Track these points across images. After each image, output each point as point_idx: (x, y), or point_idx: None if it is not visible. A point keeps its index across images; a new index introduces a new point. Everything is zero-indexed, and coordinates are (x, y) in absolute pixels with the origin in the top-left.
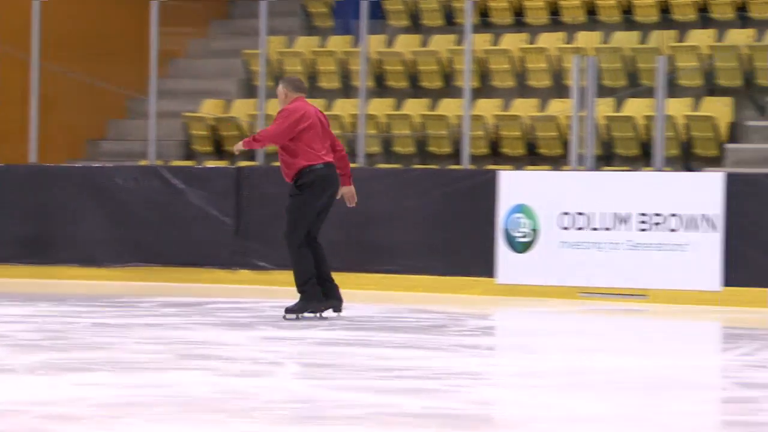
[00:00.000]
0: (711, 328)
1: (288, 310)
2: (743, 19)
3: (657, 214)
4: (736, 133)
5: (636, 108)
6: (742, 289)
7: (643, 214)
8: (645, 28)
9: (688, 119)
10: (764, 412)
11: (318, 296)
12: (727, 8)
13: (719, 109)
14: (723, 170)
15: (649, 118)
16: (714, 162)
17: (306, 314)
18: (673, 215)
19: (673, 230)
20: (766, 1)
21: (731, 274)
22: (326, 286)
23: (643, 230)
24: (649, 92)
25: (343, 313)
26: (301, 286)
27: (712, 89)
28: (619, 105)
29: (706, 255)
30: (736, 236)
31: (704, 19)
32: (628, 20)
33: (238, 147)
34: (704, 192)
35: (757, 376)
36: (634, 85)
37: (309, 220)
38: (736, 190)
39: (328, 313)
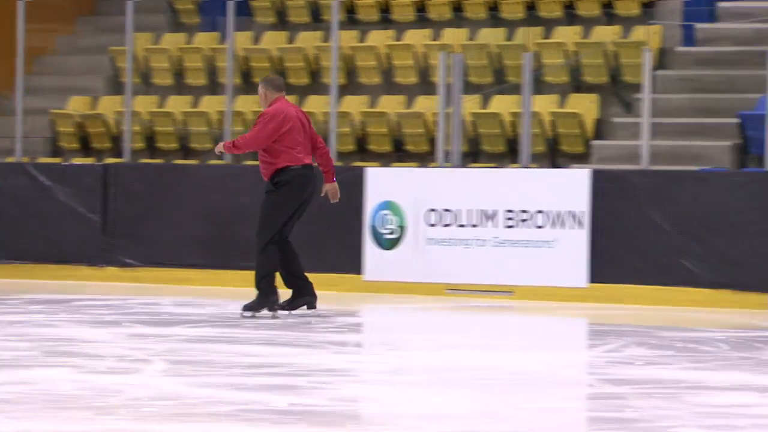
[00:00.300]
0: (577, 324)
1: (246, 308)
2: (609, 16)
3: (523, 211)
4: (602, 129)
5: (502, 105)
6: (609, 286)
7: (510, 211)
8: (511, 25)
9: (554, 116)
10: (630, 408)
11: (275, 294)
12: (593, 5)
13: (585, 106)
14: (589, 167)
15: (515, 114)
16: (580, 159)
17: (263, 312)
18: (540, 212)
19: (539, 227)
20: None
21: (597, 270)
22: (299, 284)
23: (510, 227)
24: (515, 89)
25: (317, 309)
26: (258, 282)
27: (578, 86)
28: (485, 102)
29: (572, 251)
30: (602, 233)
31: (570, 16)
32: (495, 17)
33: (219, 149)
34: (570, 189)
35: (623, 373)
36: (501, 82)
37: (281, 219)
38: (603, 187)
39: (301, 310)
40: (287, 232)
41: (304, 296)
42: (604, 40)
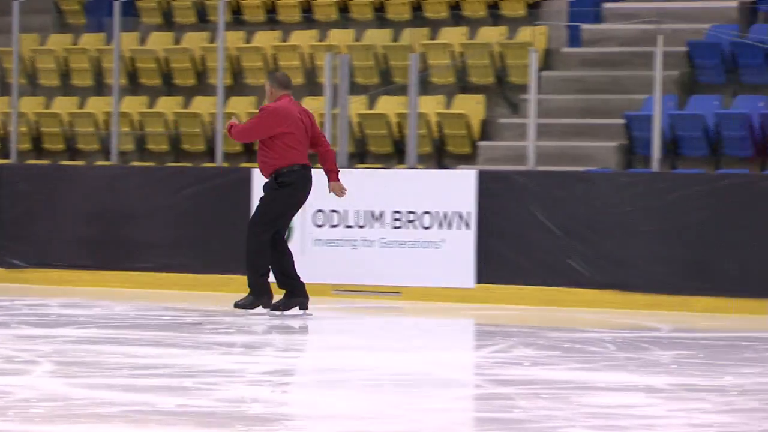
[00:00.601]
0: (465, 325)
1: (237, 305)
2: (495, 17)
3: (411, 212)
4: (488, 130)
5: (389, 106)
6: (496, 287)
7: (397, 212)
8: (397, 26)
9: (440, 117)
10: (518, 409)
11: (269, 292)
12: (479, 6)
13: (472, 107)
14: (476, 168)
15: (402, 115)
16: (467, 159)
17: (257, 309)
18: (427, 213)
19: (426, 228)
20: (518, 0)
21: (484, 271)
22: (292, 284)
23: (397, 228)
24: (401, 90)
25: (308, 311)
26: (254, 280)
27: (465, 87)
28: (372, 103)
29: (459, 252)
30: (489, 234)
31: (456, 17)
32: (381, 18)
33: (227, 127)
34: (457, 190)
35: (510, 373)
36: (387, 83)
37: (280, 218)
38: (489, 188)
39: (294, 311)
40: (283, 231)
41: (297, 297)
42: (490, 41)
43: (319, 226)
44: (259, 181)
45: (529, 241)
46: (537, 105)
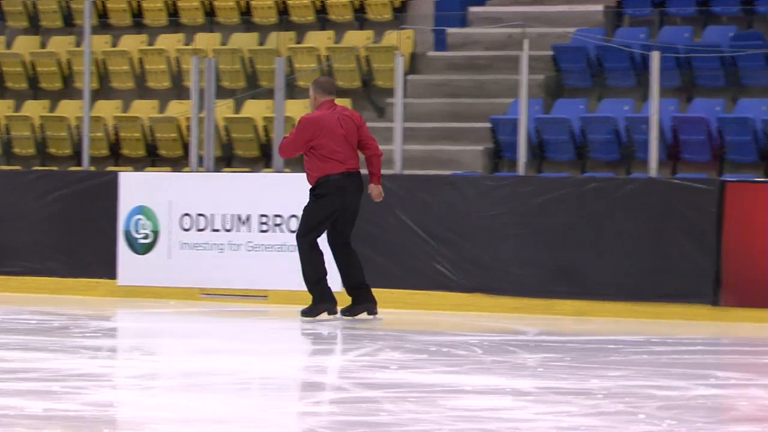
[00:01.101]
0: (332, 328)
1: (303, 312)
2: (361, 21)
3: (277, 216)
4: None
5: (255, 110)
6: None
7: (264, 216)
8: (263, 30)
9: None
10: (384, 412)
11: (330, 296)
12: (345, 10)
13: None
14: None
15: (268, 119)
16: None
17: (322, 316)
18: (294, 216)
19: (293, 231)
20: (383, 3)
21: None
22: (357, 292)
23: (264, 232)
24: (268, 94)
25: (378, 315)
26: (310, 288)
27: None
28: (238, 106)
29: (326, 256)
30: (356, 237)
31: (322, 21)
32: (247, 22)
33: None
34: None
35: (377, 377)
36: (254, 87)
37: (316, 226)
38: None
39: (363, 316)
40: (345, 237)
41: (364, 303)
42: (356, 45)
43: (186, 230)
44: (126, 184)
45: (396, 245)
46: (403, 109)
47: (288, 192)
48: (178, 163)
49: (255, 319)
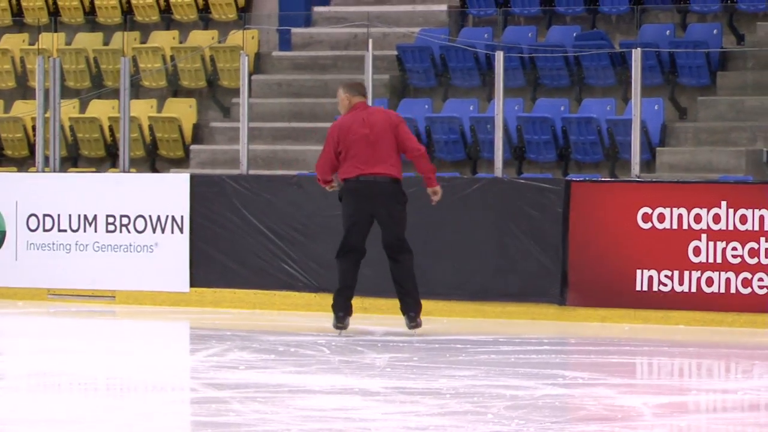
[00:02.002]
0: (180, 329)
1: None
2: (206, 21)
3: (124, 216)
4: (200, 134)
5: (101, 109)
6: (210, 290)
7: (111, 216)
8: (108, 30)
9: (152, 120)
10: (233, 412)
11: (344, 309)
12: (190, 10)
13: (184, 111)
14: (188, 171)
15: (114, 119)
16: (179, 163)
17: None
18: (140, 217)
19: (140, 232)
20: (227, 3)
21: (198, 275)
22: (400, 302)
23: (111, 232)
24: (113, 94)
25: (415, 331)
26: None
27: (177, 91)
28: (84, 106)
29: (173, 256)
30: (202, 238)
31: (167, 21)
32: (92, 22)
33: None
34: (170, 193)
35: (225, 377)
36: (99, 87)
37: (347, 231)
38: (202, 192)
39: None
40: (387, 241)
41: (403, 313)
42: (201, 45)
43: (33, 230)
44: None
45: (242, 244)
46: (248, 109)
47: (134, 192)
48: (24, 164)
49: (103, 320)
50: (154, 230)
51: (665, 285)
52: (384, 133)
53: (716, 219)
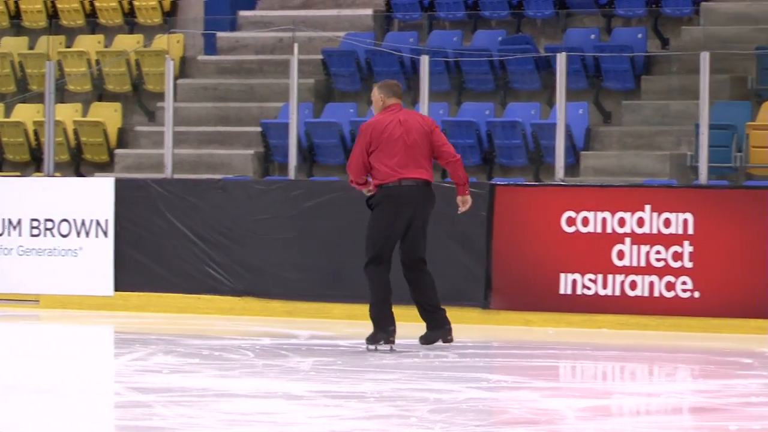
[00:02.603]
0: (104, 332)
1: (367, 339)
2: (131, 25)
3: (48, 220)
4: (125, 138)
5: (26, 113)
6: (134, 294)
7: (35, 220)
8: (33, 34)
9: (77, 125)
10: (158, 416)
11: (387, 324)
12: (115, 14)
13: (109, 115)
14: (113, 176)
15: (38, 123)
16: (104, 167)
17: (378, 346)
18: (65, 221)
19: (64, 236)
20: (153, 7)
21: (123, 279)
22: (428, 317)
23: (35, 236)
24: (38, 98)
25: (454, 342)
26: (370, 310)
27: (102, 95)
28: (8, 111)
29: (98, 260)
30: (127, 242)
31: (92, 25)
32: (17, 26)
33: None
34: (95, 198)
35: (150, 381)
36: (24, 91)
37: (374, 243)
38: (127, 196)
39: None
40: (414, 255)
41: (436, 329)
42: (126, 49)
43: None
44: None
45: (167, 249)
46: (173, 113)
47: (59, 196)
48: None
49: (26, 324)
50: (78, 234)
51: (589, 289)
52: (420, 138)
53: (640, 223)
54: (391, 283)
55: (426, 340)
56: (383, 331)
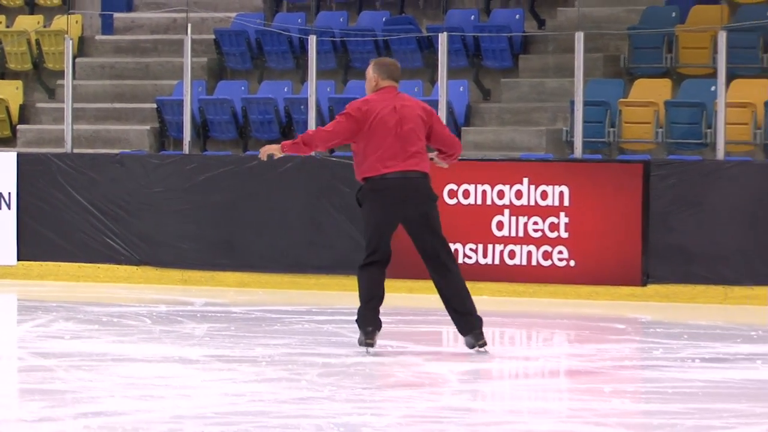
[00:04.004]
0: (7, 300)
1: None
2: (31, 6)
3: None
4: (26, 114)
5: None
6: (35, 263)
7: None
8: None
9: None
10: (59, 380)
11: (368, 325)
12: None
13: (11, 92)
14: (15, 150)
15: None
16: (7, 143)
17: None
18: None
19: None
20: None
21: (25, 249)
22: (458, 319)
23: None
24: None
25: (482, 349)
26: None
27: (4, 73)
28: None
29: (1, 231)
30: (28, 214)
31: None
32: None
33: (267, 153)
34: None
35: (51, 346)
36: None
37: (369, 239)
38: (28, 170)
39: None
40: (431, 251)
41: (466, 333)
42: (27, 29)
43: None
44: None
45: (66, 220)
46: (72, 90)
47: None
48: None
49: None
50: None
51: (470, 258)
52: (417, 126)
53: (518, 195)
54: (382, 284)
55: (466, 344)
56: (362, 332)
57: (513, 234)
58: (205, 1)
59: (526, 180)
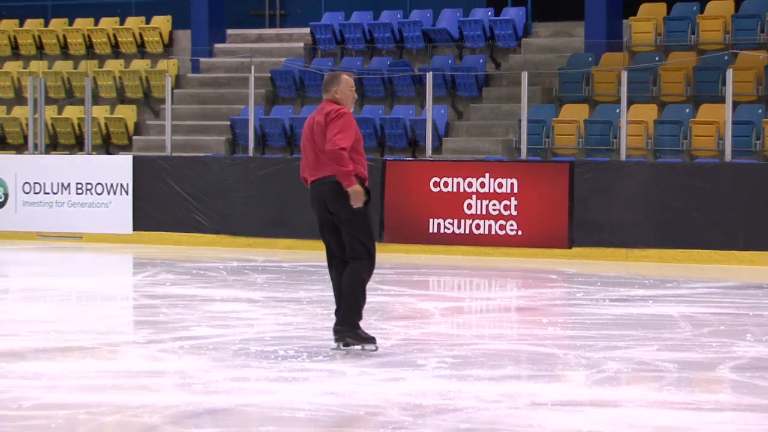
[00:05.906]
0: (125, 259)
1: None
2: (142, 53)
3: (88, 183)
4: (140, 129)
5: (72, 112)
6: (146, 233)
7: (79, 183)
8: (76, 58)
9: (107, 120)
10: (163, 314)
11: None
12: (132, 45)
13: (128, 113)
14: (132, 154)
15: (81, 119)
16: (126, 149)
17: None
18: (100, 184)
19: (99, 194)
20: (157, 41)
21: (138, 222)
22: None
23: (79, 194)
24: (81, 101)
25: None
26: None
27: (124, 99)
28: (60, 110)
29: (121, 210)
30: (141, 198)
31: (116, 53)
32: (65, 53)
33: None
34: (120, 168)
35: (156, 291)
36: (71, 97)
37: (372, 241)
38: (141, 167)
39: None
40: (337, 253)
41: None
42: (139, 69)
43: (26, 193)
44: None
45: (166, 202)
46: (171, 112)
47: (96, 167)
48: (19, 148)
49: (74, 253)
50: (108, 193)
51: (448, 229)
52: (319, 136)
53: (482, 185)
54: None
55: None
56: (370, 339)
57: (478, 212)
58: (264, 50)
59: (488, 174)
